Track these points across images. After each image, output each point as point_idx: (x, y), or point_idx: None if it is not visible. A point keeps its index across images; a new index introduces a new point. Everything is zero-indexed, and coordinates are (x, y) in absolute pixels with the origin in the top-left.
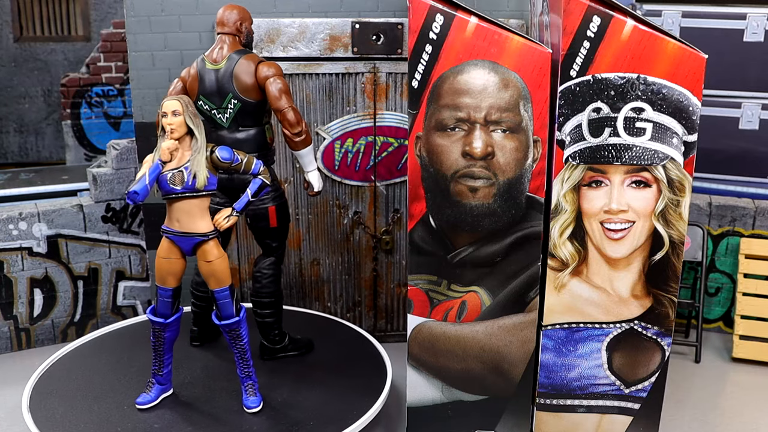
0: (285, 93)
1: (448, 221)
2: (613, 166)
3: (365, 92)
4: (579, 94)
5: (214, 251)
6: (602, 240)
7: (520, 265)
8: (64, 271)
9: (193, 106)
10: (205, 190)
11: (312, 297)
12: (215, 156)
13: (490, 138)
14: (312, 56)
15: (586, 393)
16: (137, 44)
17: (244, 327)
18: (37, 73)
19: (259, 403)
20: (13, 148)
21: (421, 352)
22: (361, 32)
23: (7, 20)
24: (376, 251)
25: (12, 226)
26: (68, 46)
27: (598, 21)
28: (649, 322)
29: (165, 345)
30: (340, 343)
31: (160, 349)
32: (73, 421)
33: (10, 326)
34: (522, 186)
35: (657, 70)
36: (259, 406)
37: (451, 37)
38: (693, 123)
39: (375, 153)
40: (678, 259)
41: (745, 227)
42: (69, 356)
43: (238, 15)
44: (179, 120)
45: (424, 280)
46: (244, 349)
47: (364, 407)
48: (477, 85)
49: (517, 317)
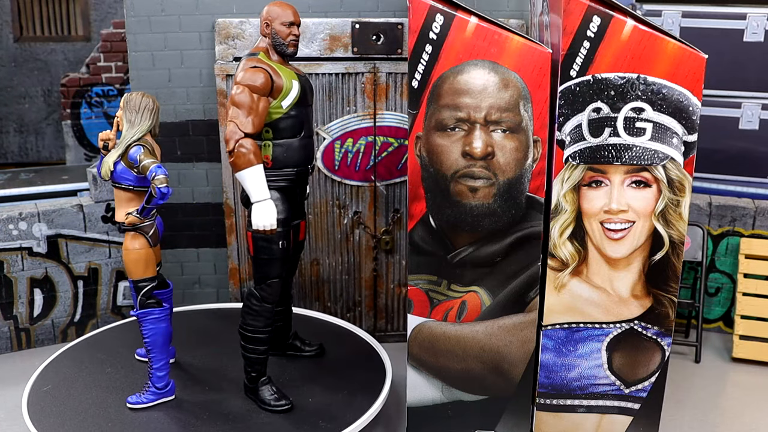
0: (234, 103)
1: (448, 221)
2: (613, 166)
3: (365, 92)
4: (579, 94)
5: (126, 243)
6: (602, 240)
7: (520, 265)
8: (64, 271)
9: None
10: (116, 182)
11: (312, 297)
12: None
13: (490, 138)
14: (312, 56)
15: (586, 393)
16: (137, 44)
17: (146, 325)
18: (37, 73)
19: (136, 402)
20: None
21: (421, 352)
22: (361, 32)
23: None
24: (376, 251)
25: (12, 226)
26: (68, 46)
27: (598, 21)
28: (649, 322)
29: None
30: (340, 343)
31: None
32: (73, 421)
33: (10, 326)
34: (522, 186)
35: (657, 70)
36: (137, 404)
37: (451, 37)
38: (693, 123)
39: (375, 153)
40: (678, 259)
41: (745, 227)
42: (69, 356)
43: (263, 15)
44: (119, 113)
45: (424, 280)
46: (145, 344)
47: (364, 407)
48: (477, 85)
49: (517, 317)
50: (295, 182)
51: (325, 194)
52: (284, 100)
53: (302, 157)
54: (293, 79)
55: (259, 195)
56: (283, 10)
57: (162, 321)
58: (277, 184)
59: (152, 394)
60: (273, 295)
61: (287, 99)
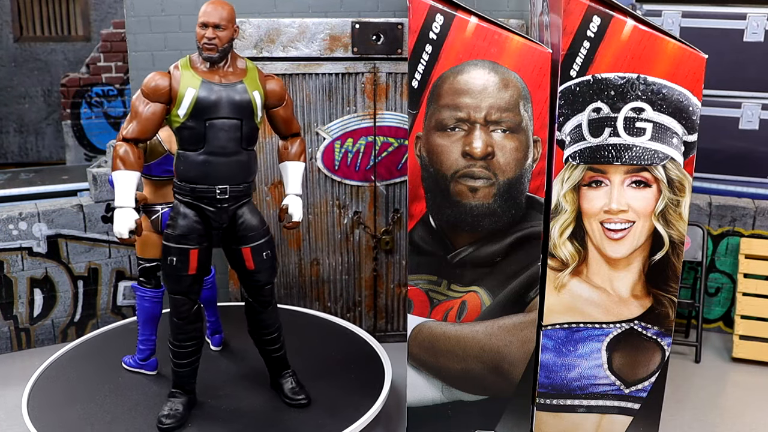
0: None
1: (448, 221)
2: (613, 166)
3: (365, 92)
4: (579, 94)
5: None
6: (602, 240)
7: (520, 265)
8: (64, 271)
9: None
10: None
11: (312, 297)
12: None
13: (490, 138)
14: (312, 56)
15: (586, 393)
16: (137, 44)
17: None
18: (37, 73)
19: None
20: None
21: (421, 352)
22: (361, 32)
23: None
24: (376, 251)
25: (12, 226)
26: (68, 46)
27: (598, 21)
28: (649, 322)
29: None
30: (340, 343)
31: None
32: (73, 421)
33: (10, 326)
34: (522, 186)
35: (657, 70)
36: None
37: (451, 37)
38: (693, 123)
39: (375, 153)
40: (678, 259)
41: (745, 227)
42: (69, 356)
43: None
44: None
45: (424, 280)
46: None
47: (364, 407)
48: (477, 85)
49: (517, 317)
50: (200, 201)
51: (325, 194)
52: (179, 108)
53: (201, 175)
54: (192, 87)
55: (118, 201)
56: (203, 9)
57: (146, 301)
58: (180, 198)
59: (134, 362)
60: (178, 311)
61: (181, 108)
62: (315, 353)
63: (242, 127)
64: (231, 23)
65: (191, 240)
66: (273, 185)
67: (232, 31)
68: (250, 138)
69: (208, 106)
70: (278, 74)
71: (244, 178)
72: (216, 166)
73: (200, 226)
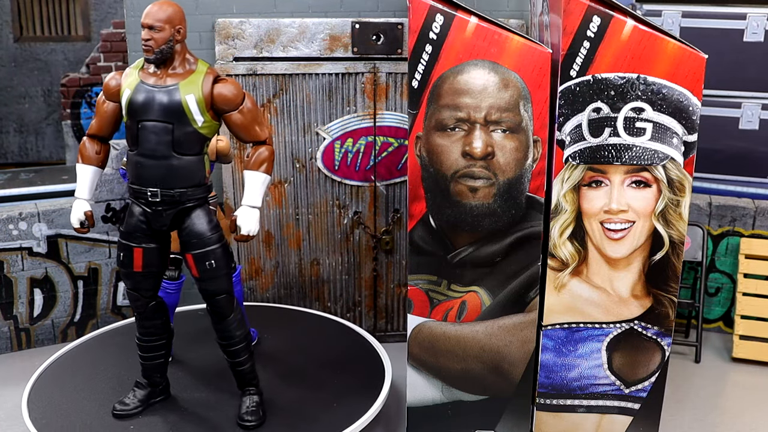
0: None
1: (448, 221)
2: (613, 166)
3: (365, 92)
4: (579, 94)
5: None
6: (602, 240)
7: (520, 265)
8: (64, 271)
9: None
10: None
11: (312, 297)
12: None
13: (490, 138)
14: (312, 56)
15: (586, 393)
16: (137, 44)
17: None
18: (37, 73)
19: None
20: (13, 148)
21: (421, 352)
22: (361, 32)
23: (7, 20)
24: (376, 251)
25: (12, 226)
26: (68, 46)
27: (598, 21)
28: (649, 322)
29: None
30: (340, 343)
31: None
32: (73, 421)
33: (10, 326)
34: (522, 186)
35: (657, 70)
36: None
37: (451, 37)
38: (693, 123)
39: (375, 153)
40: (678, 259)
41: (745, 227)
42: (69, 356)
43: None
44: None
45: (424, 280)
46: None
47: (364, 407)
48: (477, 85)
49: (517, 317)
50: (137, 200)
51: (325, 194)
52: (123, 108)
53: (135, 175)
54: (129, 88)
55: (76, 192)
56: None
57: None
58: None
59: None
60: (133, 305)
61: (123, 108)
62: (315, 353)
63: (173, 131)
64: (169, 24)
65: (135, 238)
66: (273, 185)
67: (170, 33)
68: (183, 143)
69: (138, 108)
70: (278, 74)
71: (177, 184)
72: (147, 168)
73: (144, 226)
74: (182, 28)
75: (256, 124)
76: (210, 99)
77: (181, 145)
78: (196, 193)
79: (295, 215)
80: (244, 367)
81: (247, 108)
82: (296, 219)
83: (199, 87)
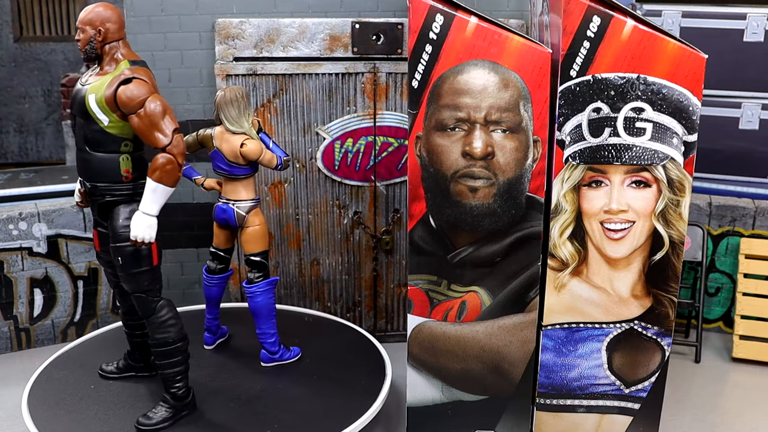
0: None
1: (448, 221)
2: (613, 166)
3: (365, 92)
4: (579, 94)
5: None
6: (602, 240)
7: (520, 265)
8: (64, 271)
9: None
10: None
11: (312, 297)
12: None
13: (490, 138)
14: (312, 56)
15: (586, 393)
16: (137, 44)
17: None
18: (37, 73)
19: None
20: (13, 148)
21: (421, 352)
22: (361, 32)
23: (7, 20)
24: (376, 251)
25: (12, 226)
26: (68, 46)
27: (598, 21)
28: (649, 322)
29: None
30: (340, 343)
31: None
32: (73, 421)
33: (10, 326)
34: (522, 186)
35: (657, 70)
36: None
37: (451, 37)
38: (693, 123)
39: (375, 153)
40: (678, 259)
41: (745, 227)
42: (69, 356)
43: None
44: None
45: (424, 280)
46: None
47: (364, 407)
48: (477, 85)
49: (517, 317)
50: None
51: (325, 194)
52: None
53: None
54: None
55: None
56: None
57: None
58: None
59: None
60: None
61: None
62: (315, 353)
63: (84, 127)
64: (90, 26)
65: (95, 222)
66: (273, 185)
67: (90, 34)
68: (90, 140)
69: (71, 103)
70: (278, 74)
71: (93, 178)
72: (77, 159)
73: (94, 213)
74: (106, 30)
75: (154, 130)
76: (113, 100)
77: (91, 141)
78: (113, 189)
79: (295, 215)
80: (163, 372)
81: (145, 112)
82: (296, 219)
83: (102, 88)
